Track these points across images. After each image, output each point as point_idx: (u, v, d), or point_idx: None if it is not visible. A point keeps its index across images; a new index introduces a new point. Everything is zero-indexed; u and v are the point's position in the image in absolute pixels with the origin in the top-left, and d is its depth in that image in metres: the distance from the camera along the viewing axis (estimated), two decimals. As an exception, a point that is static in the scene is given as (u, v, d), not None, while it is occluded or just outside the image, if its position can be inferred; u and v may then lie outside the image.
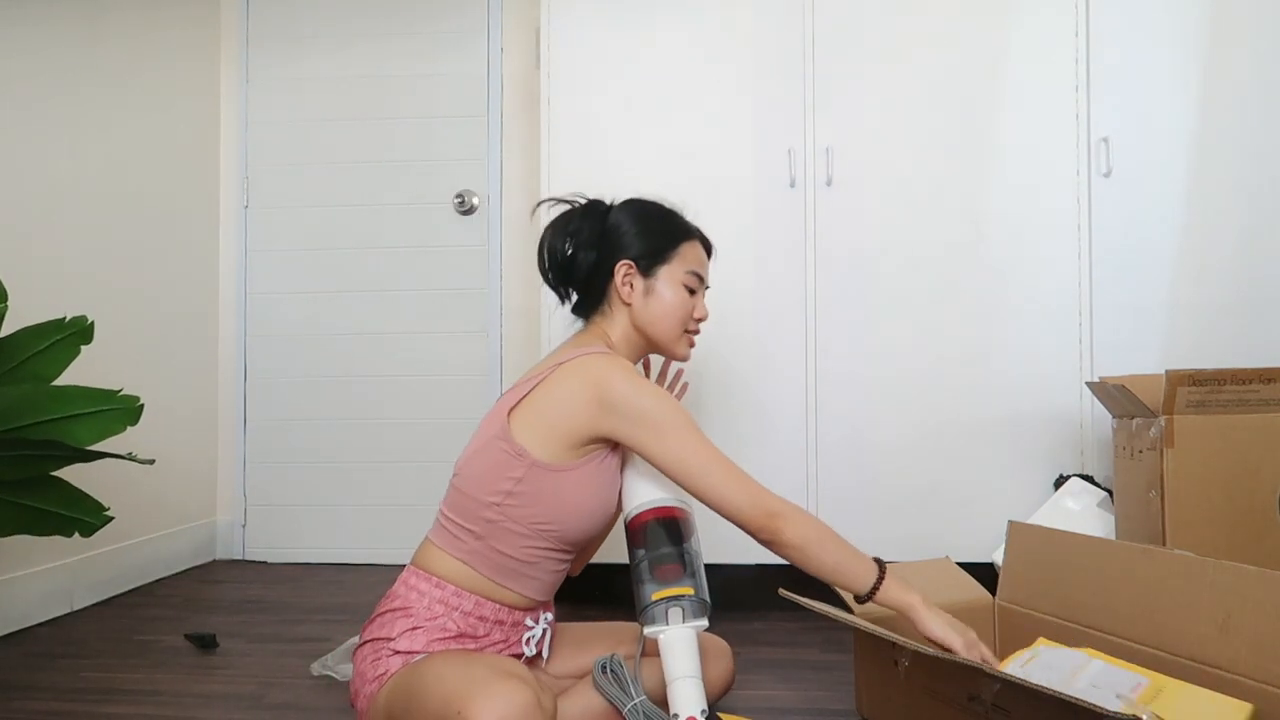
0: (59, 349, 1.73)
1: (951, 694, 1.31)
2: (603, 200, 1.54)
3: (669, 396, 1.34)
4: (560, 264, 1.48)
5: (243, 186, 3.04)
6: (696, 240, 1.52)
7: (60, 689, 1.77)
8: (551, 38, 2.33)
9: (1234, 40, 2.18)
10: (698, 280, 1.49)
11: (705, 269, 1.52)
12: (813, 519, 1.32)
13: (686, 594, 1.25)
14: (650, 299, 1.45)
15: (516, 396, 1.37)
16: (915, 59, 2.26)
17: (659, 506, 1.36)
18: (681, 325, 1.48)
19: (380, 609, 1.35)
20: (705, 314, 1.50)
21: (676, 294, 1.46)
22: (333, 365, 2.98)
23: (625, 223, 1.48)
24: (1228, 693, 1.15)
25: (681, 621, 1.24)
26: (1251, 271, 2.16)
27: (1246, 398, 1.70)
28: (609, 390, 1.31)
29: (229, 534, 3.02)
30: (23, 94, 2.24)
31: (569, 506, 1.34)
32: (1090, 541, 1.49)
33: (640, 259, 1.46)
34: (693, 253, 1.49)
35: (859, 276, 2.25)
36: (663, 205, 1.54)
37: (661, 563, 1.29)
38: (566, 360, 1.37)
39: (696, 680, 1.21)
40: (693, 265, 1.48)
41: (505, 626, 1.36)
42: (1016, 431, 2.20)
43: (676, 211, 1.54)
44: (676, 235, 1.49)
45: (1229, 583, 1.20)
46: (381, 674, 1.27)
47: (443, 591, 1.32)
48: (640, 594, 1.28)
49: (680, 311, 1.47)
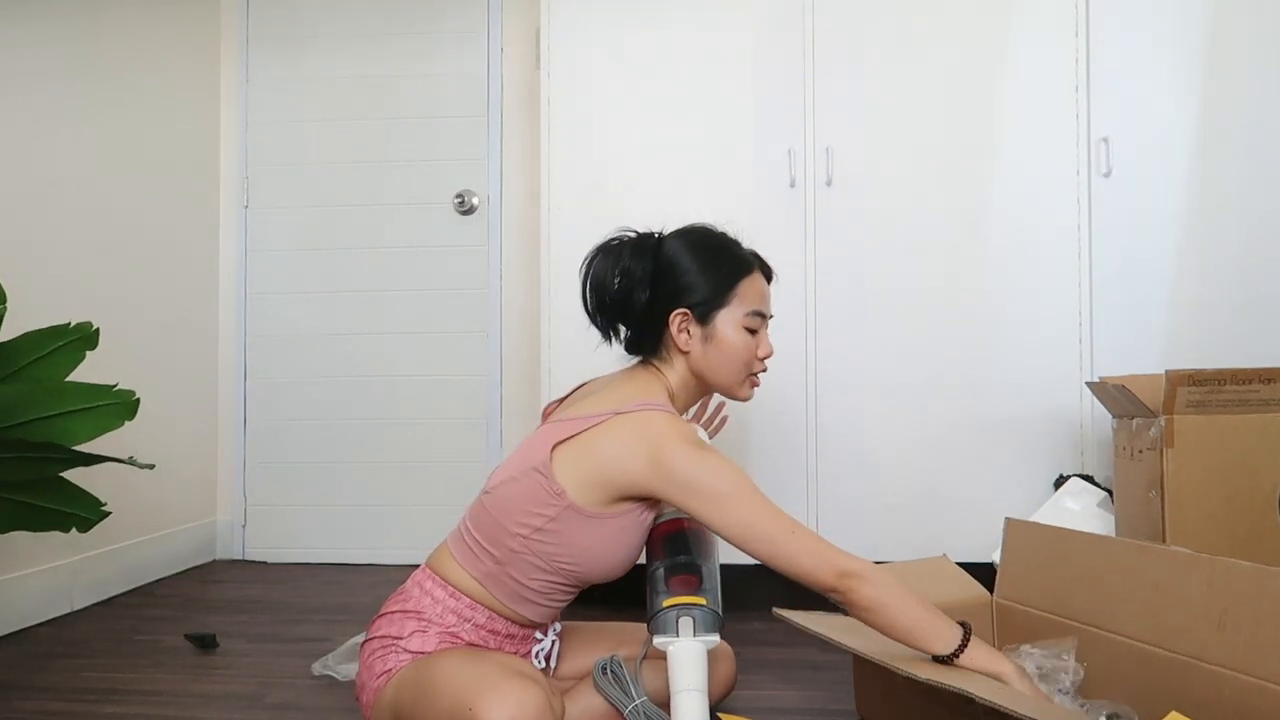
0: (63, 354, 1.71)
1: (950, 695, 1.30)
2: (652, 233, 1.43)
3: (727, 465, 1.26)
4: (610, 304, 1.39)
5: (243, 186, 3.05)
6: (756, 272, 1.42)
7: (60, 689, 1.77)
8: (551, 38, 2.33)
9: (1234, 40, 2.18)
10: (760, 319, 1.39)
11: (767, 303, 1.42)
12: (890, 580, 1.23)
13: (699, 604, 1.23)
14: (709, 346, 1.37)
15: (566, 432, 1.30)
16: (915, 59, 2.26)
17: (682, 517, 1.34)
18: (744, 370, 1.40)
19: (391, 607, 1.34)
20: (770, 351, 1.41)
21: (737, 338, 1.37)
22: (333, 365, 2.98)
23: (680, 261, 1.38)
24: (1224, 690, 1.15)
25: (692, 634, 1.22)
26: (1251, 271, 2.16)
27: (1246, 398, 1.70)
28: (667, 456, 1.24)
29: (229, 534, 3.02)
30: (22, 94, 2.24)
31: (596, 552, 1.31)
32: (1088, 538, 1.49)
33: (696, 306, 1.36)
34: (753, 289, 1.39)
35: (859, 276, 2.25)
36: (719, 236, 1.43)
37: (678, 572, 1.27)
38: (626, 411, 1.30)
39: (702, 695, 1.19)
40: (753, 304, 1.38)
41: (515, 640, 1.37)
42: (1016, 431, 2.20)
43: (733, 241, 1.43)
44: (735, 274, 1.38)
45: (1226, 580, 1.20)
46: (389, 669, 1.27)
47: (458, 602, 1.31)
48: (653, 601, 1.26)
49: (742, 357, 1.38)
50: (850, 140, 2.26)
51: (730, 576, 2.25)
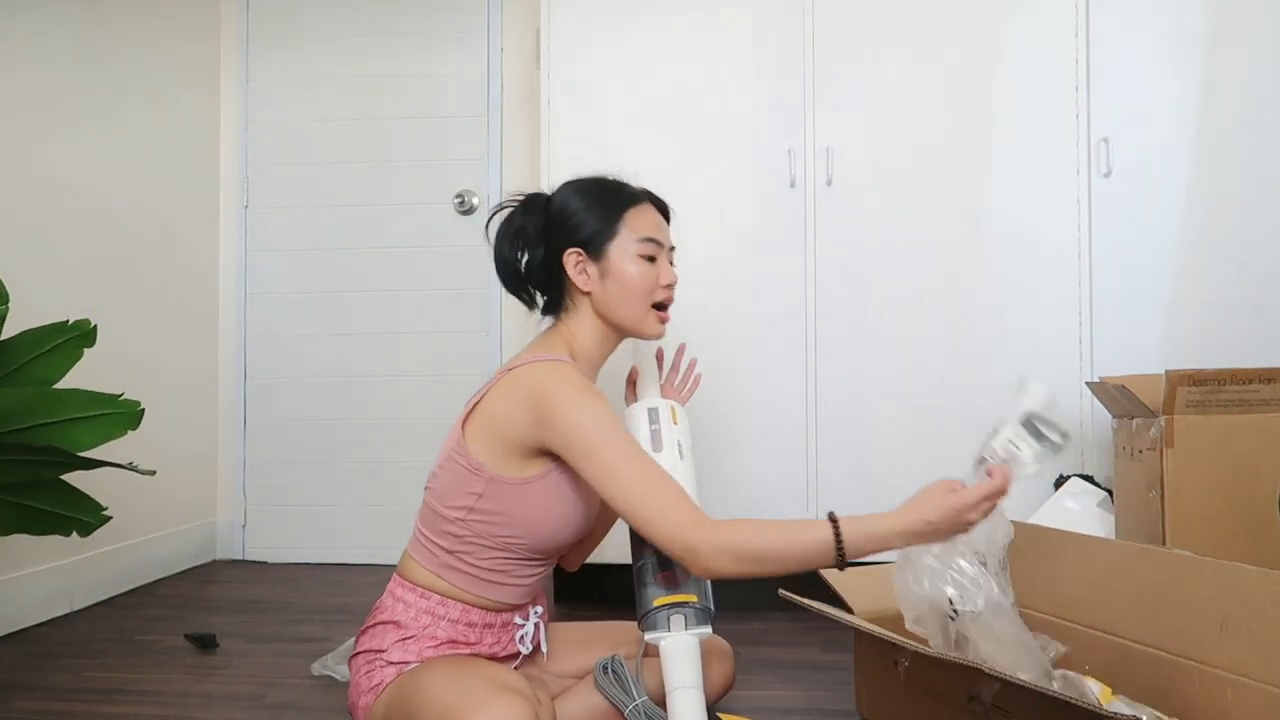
0: (61, 352, 1.72)
1: (951, 694, 1.31)
2: (542, 192, 1.45)
3: (601, 412, 1.22)
4: (514, 270, 1.42)
5: (243, 186, 3.04)
6: (645, 203, 1.40)
7: (60, 689, 1.77)
8: (551, 38, 2.33)
9: (1234, 40, 2.18)
10: (655, 246, 1.36)
11: (661, 232, 1.39)
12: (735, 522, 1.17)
13: (690, 601, 1.22)
14: (607, 282, 1.35)
15: (469, 406, 1.32)
16: (915, 59, 2.26)
17: None
18: (646, 300, 1.36)
19: (370, 620, 1.34)
20: (673, 279, 1.38)
21: (633, 267, 1.34)
22: (333, 365, 2.98)
23: (567, 205, 1.38)
24: (1228, 693, 1.15)
25: (684, 629, 1.21)
26: (1251, 271, 2.15)
27: (1246, 398, 1.70)
28: (544, 404, 1.23)
29: (229, 534, 3.02)
30: (22, 94, 2.24)
31: (533, 520, 1.28)
32: (1090, 541, 1.50)
33: (588, 242, 1.35)
34: (642, 218, 1.37)
35: (859, 276, 2.25)
36: (603, 179, 1.43)
37: (666, 566, 1.25)
38: (516, 366, 1.31)
39: (697, 691, 1.19)
40: (645, 232, 1.36)
41: (495, 629, 1.35)
42: (1016, 431, 2.19)
43: (617, 181, 1.42)
44: (621, 204, 1.37)
45: (1229, 583, 1.20)
46: (376, 684, 1.26)
47: (428, 601, 1.30)
48: (642, 597, 1.25)
49: (642, 285, 1.34)
50: (850, 140, 2.26)
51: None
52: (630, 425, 1.38)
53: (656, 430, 1.34)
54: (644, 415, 1.38)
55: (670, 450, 1.33)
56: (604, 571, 2.21)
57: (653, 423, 1.36)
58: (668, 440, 1.33)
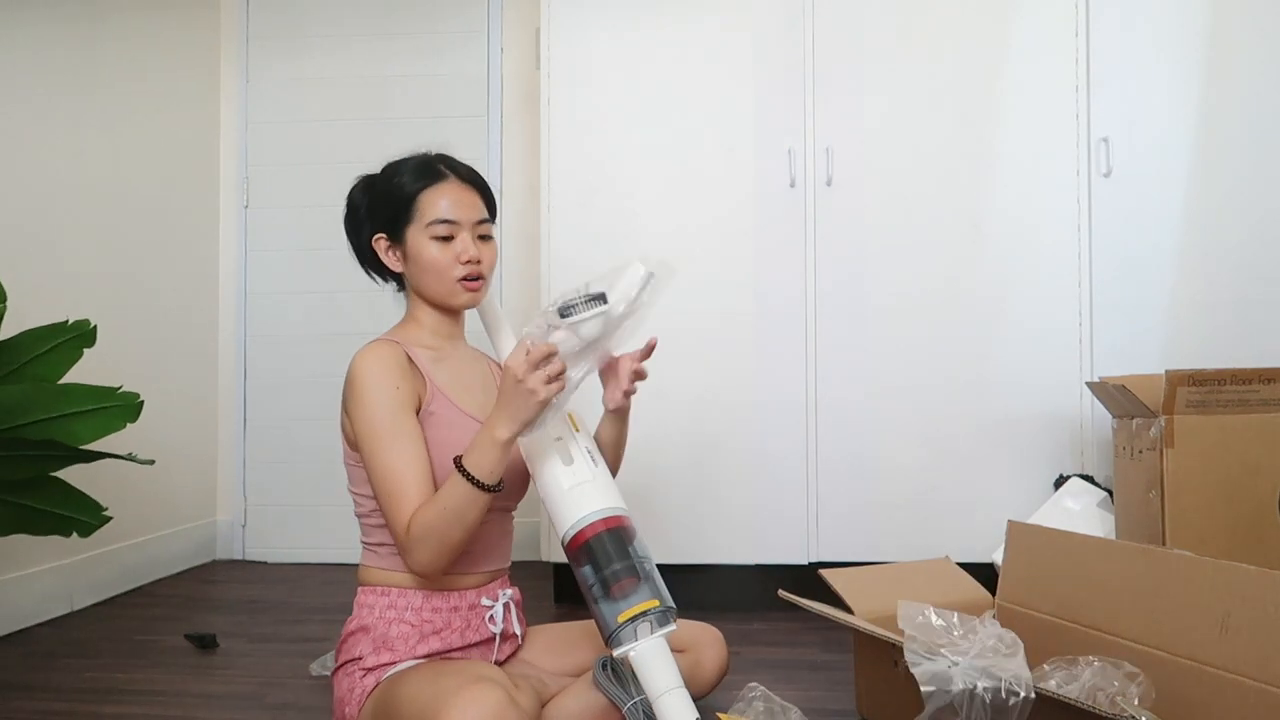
0: (61, 352, 1.73)
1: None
2: (361, 177, 1.52)
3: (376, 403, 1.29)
4: (356, 250, 1.50)
5: (243, 186, 3.04)
6: (443, 182, 1.41)
7: (60, 689, 1.77)
8: (551, 38, 2.33)
9: (1234, 40, 2.18)
10: (446, 226, 1.37)
11: (459, 209, 1.38)
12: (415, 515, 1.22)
13: (651, 607, 1.19)
14: (411, 265, 1.40)
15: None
16: (915, 59, 2.26)
17: (597, 520, 1.23)
18: (449, 278, 1.38)
19: (345, 631, 1.35)
20: (471, 254, 1.37)
21: (428, 250, 1.37)
22: (333, 365, 2.96)
23: (360, 199, 1.47)
24: (1227, 693, 1.15)
25: (649, 635, 1.19)
26: (1251, 271, 2.16)
27: (1246, 398, 1.70)
28: (346, 391, 1.35)
29: (229, 534, 3.02)
30: (23, 94, 2.24)
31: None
32: (1090, 541, 1.49)
33: (389, 227, 1.42)
34: (430, 201, 1.38)
35: (859, 276, 2.25)
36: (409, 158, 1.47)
37: (616, 579, 1.20)
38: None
39: (681, 690, 1.18)
40: (436, 214, 1.37)
41: (463, 611, 1.35)
42: (1016, 431, 2.20)
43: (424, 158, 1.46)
44: (404, 196, 1.40)
45: (1229, 583, 1.20)
46: (358, 695, 1.28)
47: (388, 598, 1.32)
48: (602, 615, 1.20)
49: (438, 264, 1.37)
50: (850, 140, 2.26)
51: (730, 577, 2.26)
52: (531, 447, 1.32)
53: (562, 444, 1.30)
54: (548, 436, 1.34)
55: (582, 460, 1.29)
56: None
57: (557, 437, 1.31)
58: (576, 452, 1.30)
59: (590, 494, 1.25)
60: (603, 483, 1.28)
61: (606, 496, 1.26)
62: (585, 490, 1.25)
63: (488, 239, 1.42)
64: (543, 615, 2.18)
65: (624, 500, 1.28)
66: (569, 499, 1.25)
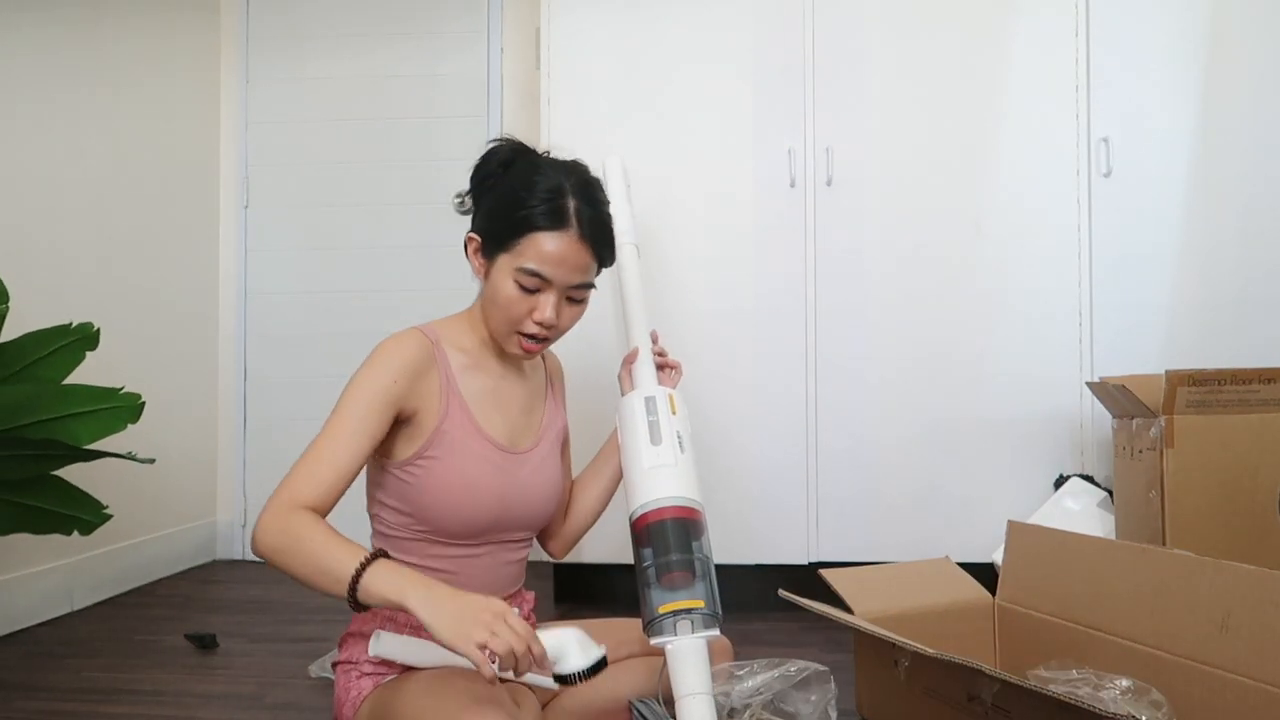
0: (64, 354, 1.72)
1: (951, 694, 1.31)
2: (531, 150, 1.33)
3: (360, 386, 1.23)
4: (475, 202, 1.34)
5: (243, 186, 3.04)
6: (563, 231, 1.22)
7: (60, 689, 1.77)
8: (551, 38, 2.33)
9: (1233, 40, 2.18)
10: (535, 279, 1.21)
11: (561, 269, 1.22)
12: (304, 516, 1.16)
13: (696, 607, 1.16)
14: (488, 286, 1.27)
15: None
16: (915, 59, 2.26)
17: (668, 507, 1.21)
18: (510, 325, 1.25)
19: (346, 631, 1.34)
20: (547, 318, 1.23)
21: (505, 287, 1.23)
22: (333, 365, 2.97)
23: (498, 187, 1.28)
24: (1228, 693, 1.15)
25: (690, 634, 1.16)
26: (1251, 271, 2.16)
27: (1246, 398, 1.70)
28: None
29: (229, 534, 3.02)
30: (23, 94, 2.24)
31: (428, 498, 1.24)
32: (1090, 541, 1.49)
33: (487, 237, 1.27)
34: (535, 249, 1.21)
35: (859, 276, 2.25)
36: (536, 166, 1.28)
37: (670, 569, 1.18)
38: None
39: (707, 697, 1.14)
40: (531, 263, 1.21)
41: None
42: (1016, 431, 2.20)
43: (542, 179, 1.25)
44: (527, 224, 1.21)
45: (1228, 582, 1.20)
46: (355, 697, 1.26)
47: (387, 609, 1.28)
48: (648, 600, 1.19)
49: (508, 310, 1.24)
50: (850, 140, 2.26)
51: (730, 577, 2.26)
52: (625, 415, 1.33)
53: (654, 422, 1.29)
54: (640, 405, 1.33)
55: (670, 443, 1.27)
56: (604, 571, 2.21)
57: (650, 413, 1.30)
58: (666, 433, 1.28)
59: (668, 479, 1.23)
60: (683, 470, 1.26)
61: (683, 485, 1.23)
62: (664, 474, 1.24)
63: (579, 301, 1.28)
64: (543, 615, 2.18)
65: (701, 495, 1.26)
66: (647, 478, 1.24)
